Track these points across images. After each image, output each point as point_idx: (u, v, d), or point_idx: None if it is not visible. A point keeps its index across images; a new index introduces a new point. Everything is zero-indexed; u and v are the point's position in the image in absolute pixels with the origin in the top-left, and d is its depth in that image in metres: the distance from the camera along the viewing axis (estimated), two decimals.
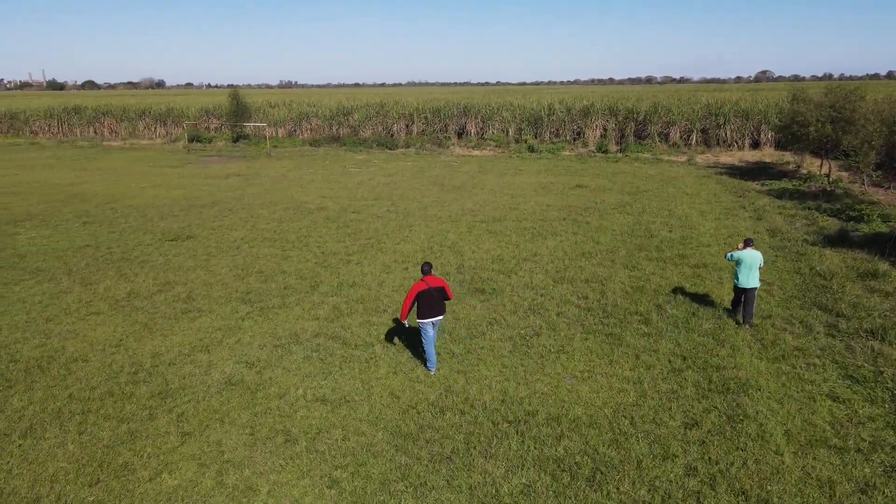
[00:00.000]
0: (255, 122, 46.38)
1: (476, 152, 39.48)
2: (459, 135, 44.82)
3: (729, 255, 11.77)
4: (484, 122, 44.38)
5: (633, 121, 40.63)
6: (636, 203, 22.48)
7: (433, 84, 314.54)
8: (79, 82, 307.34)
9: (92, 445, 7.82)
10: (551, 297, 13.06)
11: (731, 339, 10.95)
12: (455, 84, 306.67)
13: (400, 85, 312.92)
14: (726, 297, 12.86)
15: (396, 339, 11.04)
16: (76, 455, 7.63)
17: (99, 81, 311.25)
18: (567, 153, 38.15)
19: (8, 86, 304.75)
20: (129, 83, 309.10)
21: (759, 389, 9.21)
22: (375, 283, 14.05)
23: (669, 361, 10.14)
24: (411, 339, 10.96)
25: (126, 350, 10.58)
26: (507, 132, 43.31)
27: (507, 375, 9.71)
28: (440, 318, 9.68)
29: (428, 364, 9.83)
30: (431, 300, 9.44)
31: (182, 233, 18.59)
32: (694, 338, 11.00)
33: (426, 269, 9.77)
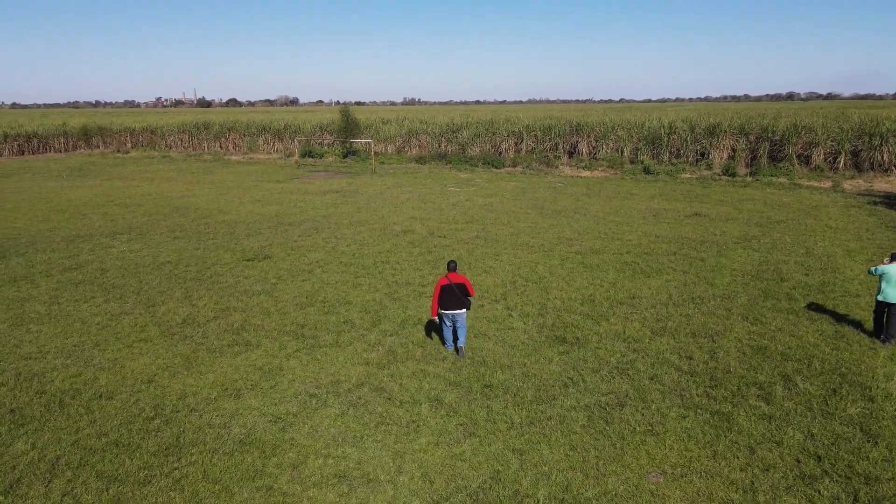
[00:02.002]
0: (364, 138, 46.69)
1: (586, 173, 37.00)
2: (570, 154, 42.51)
3: (873, 269, 11.05)
4: (597, 141, 41.76)
5: (767, 140, 36.40)
6: (765, 237, 19.31)
7: (553, 101, 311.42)
8: (224, 100, 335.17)
9: None
10: (646, 353, 10.79)
11: (887, 432, 8.23)
12: (576, 101, 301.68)
13: (520, 102, 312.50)
14: (880, 369, 10.00)
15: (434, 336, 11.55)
16: None
17: (241, 99, 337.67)
18: (687, 176, 34.72)
19: (164, 103, 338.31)
20: (267, 101, 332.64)
21: None
22: None
23: (798, 462, 7.65)
24: (465, 398, 9.22)
25: (156, 388, 9.68)
26: (622, 152, 40.41)
27: (573, 462, 7.70)
28: (462, 311, 10.58)
29: (446, 346, 11.10)
30: (452, 294, 10.49)
31: (261, 252, 18.04)
32: (834, 427, 8.39)
33: (452, 266, 10.78)
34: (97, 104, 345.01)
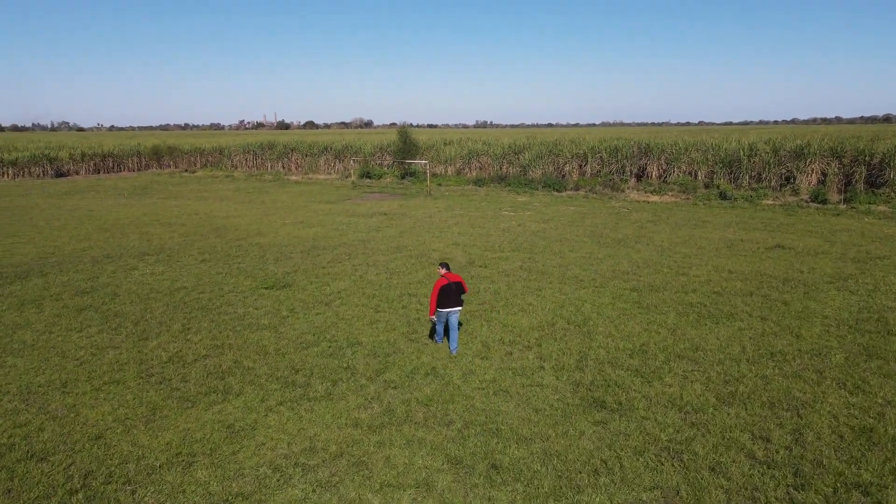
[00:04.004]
0: (423, 159, 45.46)
1: (654, 198, 34.16)
2: (639, 177, 39.68)
3: None
4: (668, 164, 38.77)
5: (863, 164, 32.53)
6: (864, 276, 16.28)
7: (628, 124, 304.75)
8: (301, 122, 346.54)
9: None
10: (708, 429, 8.43)
11: None
12: (651, 124, 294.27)
13: (593, 125, 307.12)
14: None
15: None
16: None
17: (318, 122, 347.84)
18: (769, 202, 31.33)
19: (247, 125, 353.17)
20: (342, 123, 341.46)
21: None
22: (460, 373, 10.46)
23: None
24: (463, 484, 7.19)
25: (100, 448, 8.15)
26: (696, 175, 37.28)
27: None
28: (458, 308, 11.14)
29: (437, 340, 11.67)
30: (451, 293, 11.04)
31: (283, 280, 16.63)
32: None
33: (446, 266, 11.39)
34: (185, 127, 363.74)
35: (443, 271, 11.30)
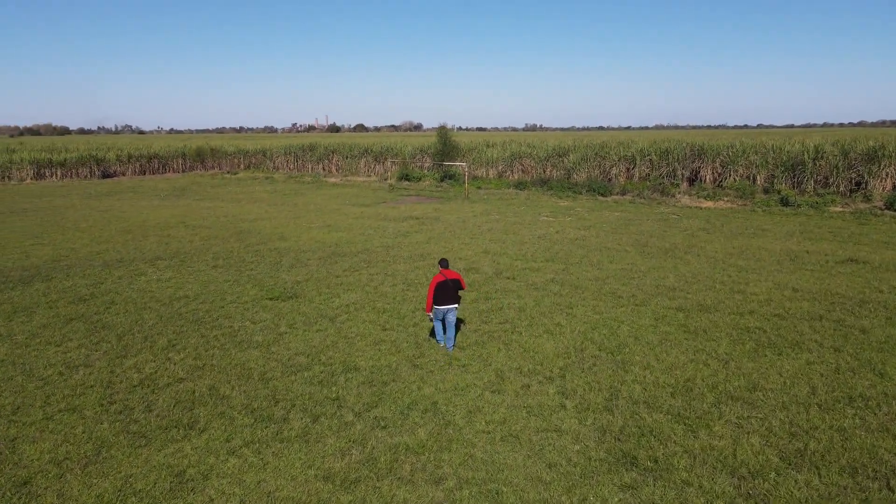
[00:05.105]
0: (462, 161, 43.91)
1: (708, 203, 31.65)
2: (691, 181, 37.12)
3: None
4: (724, 167, 36.09)
5: None
6: None
7: (682, 127, 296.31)
8: (352, 125, 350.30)
9: None
10: (767, 503, 6.56)
11: None
12: (707, 127, 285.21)
13: (646, 128, 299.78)
14: None
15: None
16: None
17: (368, 125, 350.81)
18: (837, 209, 28.47)
19: (299, 128, 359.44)
20: (392, 126, 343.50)
21: None
22: (464, 411, 8.83)
23: None
24: None
25: (21, 498, 6.88)
26: (755, 179, 34.52)
27: None
28: (455, 306, 10.89)
29: (437, 339, 11.26)
30: (447, 290, 10.81)
31: (291, 290, 15.33)
32: None
33: (444, 263, 11.16)
34: (240, 130, 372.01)
35: (440, 268, 11.19)
